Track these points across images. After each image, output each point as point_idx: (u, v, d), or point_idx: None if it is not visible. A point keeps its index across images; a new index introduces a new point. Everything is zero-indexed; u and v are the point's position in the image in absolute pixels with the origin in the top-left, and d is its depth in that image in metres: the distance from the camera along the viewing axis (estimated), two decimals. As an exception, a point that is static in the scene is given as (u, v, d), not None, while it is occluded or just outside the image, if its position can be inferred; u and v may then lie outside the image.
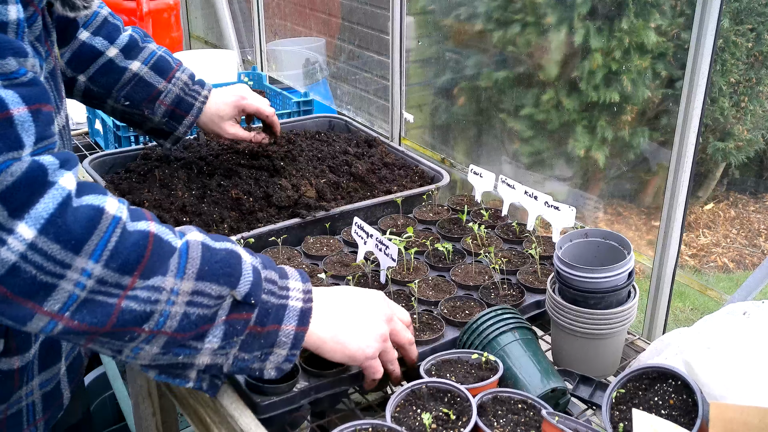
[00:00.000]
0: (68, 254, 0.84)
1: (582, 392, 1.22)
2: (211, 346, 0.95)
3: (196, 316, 0.92)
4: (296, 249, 1.57)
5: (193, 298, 0.92)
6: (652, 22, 2.82)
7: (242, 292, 0.96)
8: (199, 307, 0.92)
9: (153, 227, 0.92)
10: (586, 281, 1.21)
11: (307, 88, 2.97)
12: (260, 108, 1.78)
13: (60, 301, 0.85)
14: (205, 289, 0.93)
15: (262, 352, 1.00)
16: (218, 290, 0.94)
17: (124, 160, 1.90)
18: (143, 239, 0.90)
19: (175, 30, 3.45)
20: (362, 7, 3.60)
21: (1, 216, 0.81)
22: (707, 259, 4.07)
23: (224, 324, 0.95)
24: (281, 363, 1.02)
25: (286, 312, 1.01)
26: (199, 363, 0.97)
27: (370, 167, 1.88)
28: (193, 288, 0.92)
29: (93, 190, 0.90)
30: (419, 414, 1.05)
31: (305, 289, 1.05)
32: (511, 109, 3.04)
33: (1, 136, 0.82)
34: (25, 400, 1.13)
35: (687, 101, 1.62)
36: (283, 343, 1.01)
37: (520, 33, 2.97)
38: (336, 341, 1.06)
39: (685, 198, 1.69)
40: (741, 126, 3.87)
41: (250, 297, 0.96)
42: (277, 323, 1.00)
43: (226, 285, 0.94)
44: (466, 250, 1.55)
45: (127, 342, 0.91)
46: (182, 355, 0.95)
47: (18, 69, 0.87)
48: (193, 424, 1.27)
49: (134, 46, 1.60)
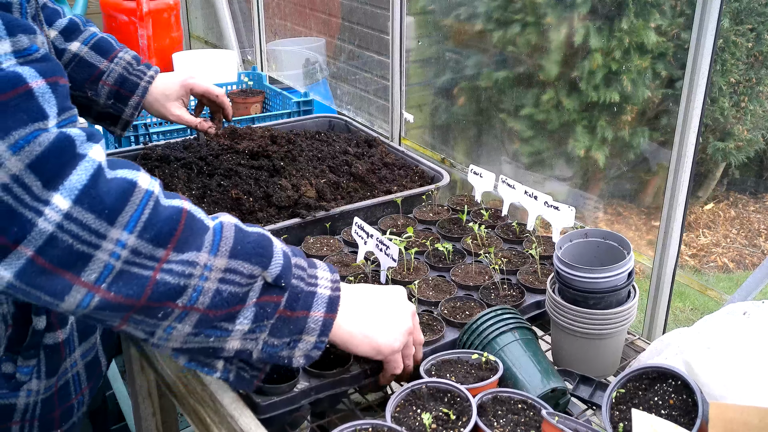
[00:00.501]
0: (103, 224, 0.85)
1: (582, 392, 1.22)
2: (241, 327, 0.96)
3: (228, 293, 0.93)
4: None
5: (226, 275, 0.92)
6: (652, 22, 2.82)
7: (273, 274, 0.96)
8: (231, 285, 0.93)
9: (186, 205, 0.93)
10: (585, 281, 1.21)
11: (307, 88, 2.97)
12: (209, 88, 1.76)
13: (96, 271, 0.85)
14: (237, 267, 0.93)
15: (291, 338, 1.00)
16: (250, 269, 0.94)
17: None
18: (177, 214, 0.91)
19: (175, 30, 3.45)
20: (362, 7, 3.60)
21: (36, 187, 0.82)
22: (707, 259, 4.07)
23: (255, 306, 0.96)
24: (310, 350, 1.02)
25: (314, 298, 1.01)
26: (229, 348, 0.97)
27: (370, 167, 1.88)
28: (226, 265, 0.93)
29: (127, 166, 0.91)
30: (419, 414, 1.05)
31: (333, 278, 1.06)
32: (511, 109, 3.04)
33: (25, 109, 0.83)
34: (70, 371, 1.19)
35: (687, 101, 1.62)
36: (312, 330, 1.01)
37: (520, 33, 2.97)
38: (364, 334, 1.07)
39: (685, 198, 1.69)
40: (741, 126, 3.87)
41: (280, 279, 0.97)
42: (306, 309, 1.00)
43: (258, 265, 0.95)
44: (466, 250, 1.55)
45: (160, 320, 0.91)
46: (213, 337, 0.95)
47: (30, 46, 0.88)
48: (193, 424, 1.27)
49: (75, 29, 1.58)
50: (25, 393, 1.12)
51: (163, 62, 3.30)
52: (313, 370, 1.17)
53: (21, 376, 1.10)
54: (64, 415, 1.20)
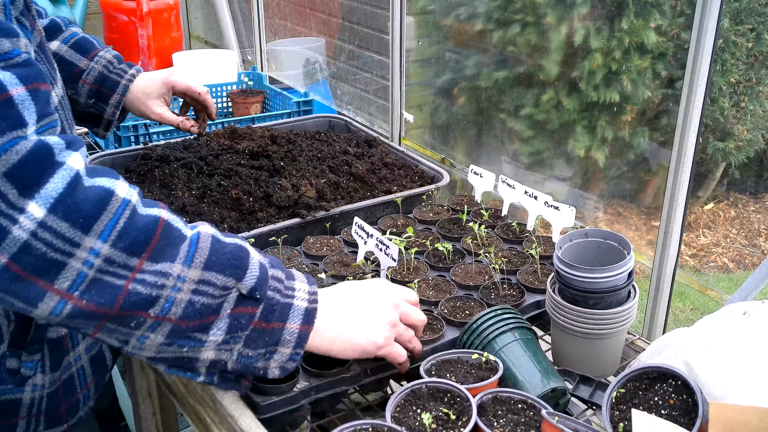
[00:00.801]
0: (77, 233, 0.85)
1: (582, 392, 1.22)
2: (215, 338, 0.96)
3: (201, 304, 0.93)
4: (296, 249, 1.57)
5: (199, 286, 0.93)
6: (652, 22, 2.82)
7: (248, 286, 0.96)
8: (204, 296, 0.93)
9: (164, 214, 0.93)
10: (586, 281, 1.21)
11: (307, 88, 2.97)
12: (191, 85, 1.73)
13: (69, 279, 0.86)
14: (211, 279, 0.93)
15: (266, 350, 1.00)
16: (224, 281, 0.94)
17: (124, 160, 1.90)
18: (153, 223, 0.91)
19: (175, 30, 3.45)
20: (362, 7, 3.60)
21: (12, 195, 0.83)
22: (707, 259, 4.07)
23: (229, 317, 0.96)
24: (285, 362, 1.03)
25: (291, 310, 1.01)
26: (204, 358, 0.98)
27: (370, 167, 1.88)
28: (200, 277, 0.93)
29: (106, 174, 0.91)
30: (419, 414, 1.05)
31: (311, 290, 1.05)
32: (511, 109, 3.04)
33: (4, 117, 0.84)
34: (74, 365, 1.19)
35: (687, 101, 1.62)
36: (287, 342, 1.01)
37: (520, 33, 2.97)
38: (344, 340, 1.07)
39: (685, 198, 1.69)
40: (741, 126, 3.87)
41: (255, 291, 0.97)
42: (282, 321, 1.00)
43: (232, 277, 0.95)
44: (466, 250, 1.55)
45: (133, 329, 0.91)
46: (186, 347, 0.95)
47: (12, 50, 0.88)
48: (193, 424, 1.27)
49: (56, 29, 1.57)
50: (30, 388, 1.12)
51: (163, 62, 3.30)
52: (312, 369, 1.17)
53: (26, 370, 1.11)
54: (71, 409, 1.20)
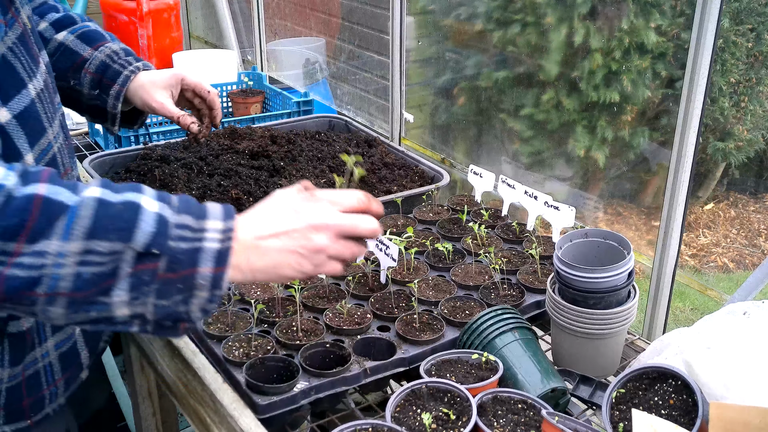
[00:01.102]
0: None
1: (582, 392, 1.22)
2: (120, 299, 0.93)
3: (91, 274, 0.91)
4: (296, 249, 1.57)
5: (84, 257, 0.91)
6: (652, 22, 2.82)
7: (141, 243, 0.93)
8: (91, 266, 0.91)
9: (43, 189, 0.91)
10: (585, 281, 1.21)
11: (307, 88, 2.97)
12: (200, 83, 1.67)
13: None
14: (95, 248, 0.91)
15: (182, 296, 0.97)
16: (109, 246, 0.91)
17: (124, 160, 1.90)
18: (28, 203, 0.89)
19: (175, 30, 3.45)
20: (362, 7, 3.60)
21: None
22: (707, 259, 4.07)
23: (129, 277, 0.93)
24: (205, 305, 0.98)
25: (200, 255, 0.96)
26: (120, 314, 0.95)
27: (370, 167, 1.89)
28: (81, 248, 0.90)
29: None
30: (419, 414, 1.05)
31: (225, 228, 0.99)
32: (511, 109, 3.04)
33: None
34: (41, 361, 1.17)
35: (687, 101, 1.62)
36: (202, 286, 0.97)
37: (520, 33, 2.97)
38: (267, 273, 1.02)
39: (685, 198, 1.69)
40: (741, 126, 3.87)
41: (151, 247, 0.93)
42: (192, 267, 0.96)
43: (119, 240, 0.92)
44: (466, 250, 1.55)
45: (30, 306, 0.91)
46: (93, 312, 0.94)
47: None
48: (193, 424, 1.27)
49: (69, 23, 1.54)
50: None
51: (163, 62, 3.30)
52: (313, 369, 1.17)
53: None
54: (35, 405, 1.18)
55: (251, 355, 1.22)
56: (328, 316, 1.33)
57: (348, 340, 1.28)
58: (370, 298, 1.39)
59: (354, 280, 1.45)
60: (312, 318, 1.33)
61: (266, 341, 1.26)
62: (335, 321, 1.31)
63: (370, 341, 1.28)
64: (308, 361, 1.21)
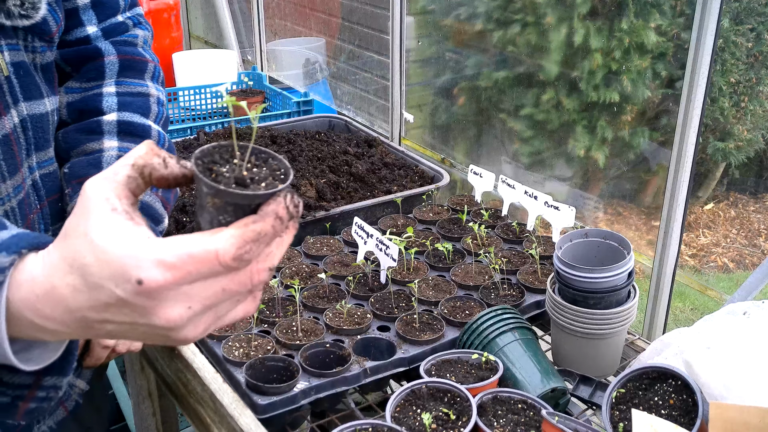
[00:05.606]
0: None
1: (582, 392, 1.22)
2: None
3: None
4: (296, 249, 1.57)
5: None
6: (652, 22, 2.81)
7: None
8: None
9: None
10: (585, 281, 1.21)
11: (307, 88, 2.97)
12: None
13: None
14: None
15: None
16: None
17: (124, 160, 1.90)
18: None
19: (175, 30, 3.45)
20: (362, 7, 3.60)
21: None
22: (707, 259, 4.07)
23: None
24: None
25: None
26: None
27: (370, 167, 1.88)
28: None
29: None
30: (419, 414, 1.05)
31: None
32: (511, 109, 3.04)
33: None
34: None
35: (687, 101, 1.62)
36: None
37: (520, 33, 2.97)
38: (43, 332, 0.65)
39: (685, 198, 1.69)
40: (741, 126, 3.87)
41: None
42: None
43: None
44: (466, 250, 1.55)
45: None
46: None
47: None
48: (193, 424, 1.27)
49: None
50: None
51: (163, 62, 3.30)
52: (313, 369, 1.17)
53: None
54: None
55: (251, 355, 1.22)
56: (328, 316, 1.33)
57: (348, 340, 1.28)
58: (370, 298, 1.39)
59: (354, 280, 1.45)
60: (312, 318, 1.33)
61: (266, 341, 1.26)
62: (335, 321, 1.31)
63: (370, 341, 1.28)
64: (308, 361, 1.21)
